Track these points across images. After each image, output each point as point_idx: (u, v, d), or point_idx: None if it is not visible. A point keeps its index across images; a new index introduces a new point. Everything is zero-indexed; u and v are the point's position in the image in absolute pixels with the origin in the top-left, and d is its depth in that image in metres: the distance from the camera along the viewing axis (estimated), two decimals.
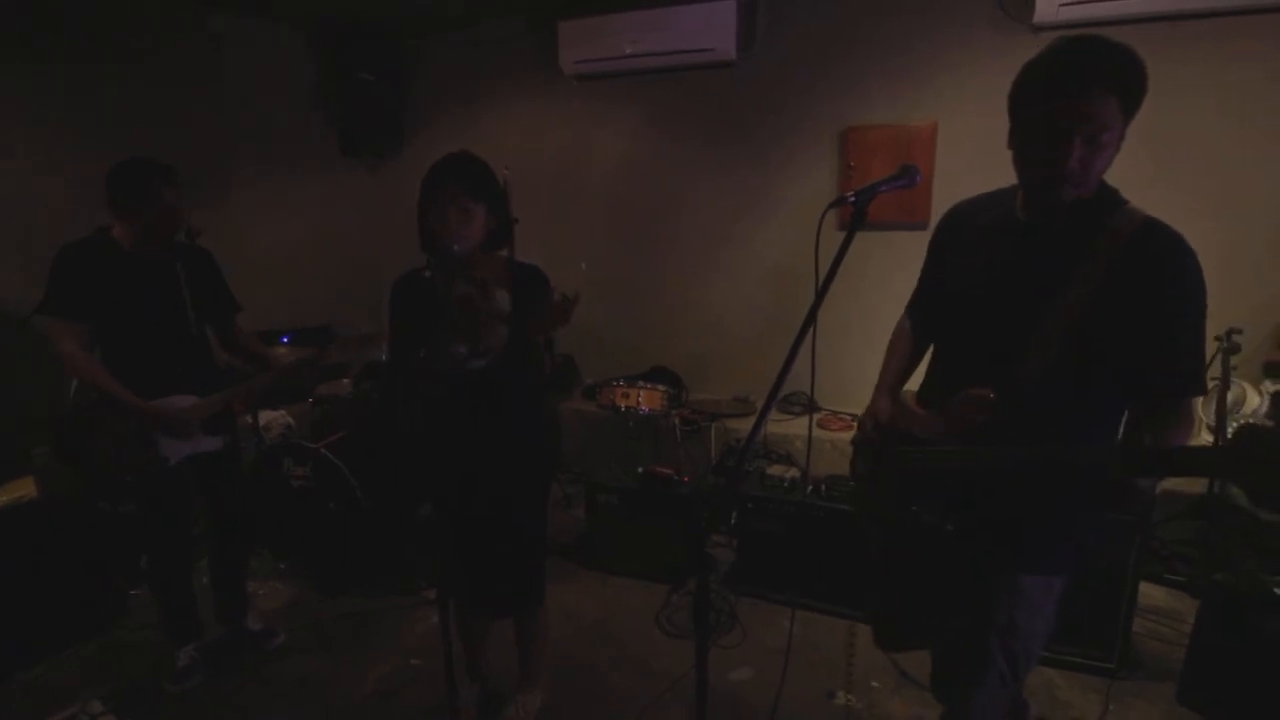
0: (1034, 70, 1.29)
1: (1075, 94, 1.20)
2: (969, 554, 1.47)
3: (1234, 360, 2.79)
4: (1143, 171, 3.04)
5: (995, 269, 1.42)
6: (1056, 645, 2.42)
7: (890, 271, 3.77)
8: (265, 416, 3.52)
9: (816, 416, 3.75)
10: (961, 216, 1.58)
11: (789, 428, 3.68)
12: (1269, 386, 2.91)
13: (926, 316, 1.72)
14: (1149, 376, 1.28)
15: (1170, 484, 2.90)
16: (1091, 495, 1.40)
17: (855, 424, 1.85)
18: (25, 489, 2.94)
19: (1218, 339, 2.77)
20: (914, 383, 1.71)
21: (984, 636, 1.46)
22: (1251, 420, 2.99)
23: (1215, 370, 2.68)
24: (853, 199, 1.32)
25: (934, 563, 1.56)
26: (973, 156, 3.52)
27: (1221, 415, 2.80)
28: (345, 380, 3.77)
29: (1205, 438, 2.92)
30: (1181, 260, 1.26)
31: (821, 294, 1.28)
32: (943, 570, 1.54)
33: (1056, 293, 1.29)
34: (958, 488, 1.44)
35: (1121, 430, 1.38)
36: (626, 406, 3.51)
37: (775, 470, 3.08)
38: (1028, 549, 1.43)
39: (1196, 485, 2.88)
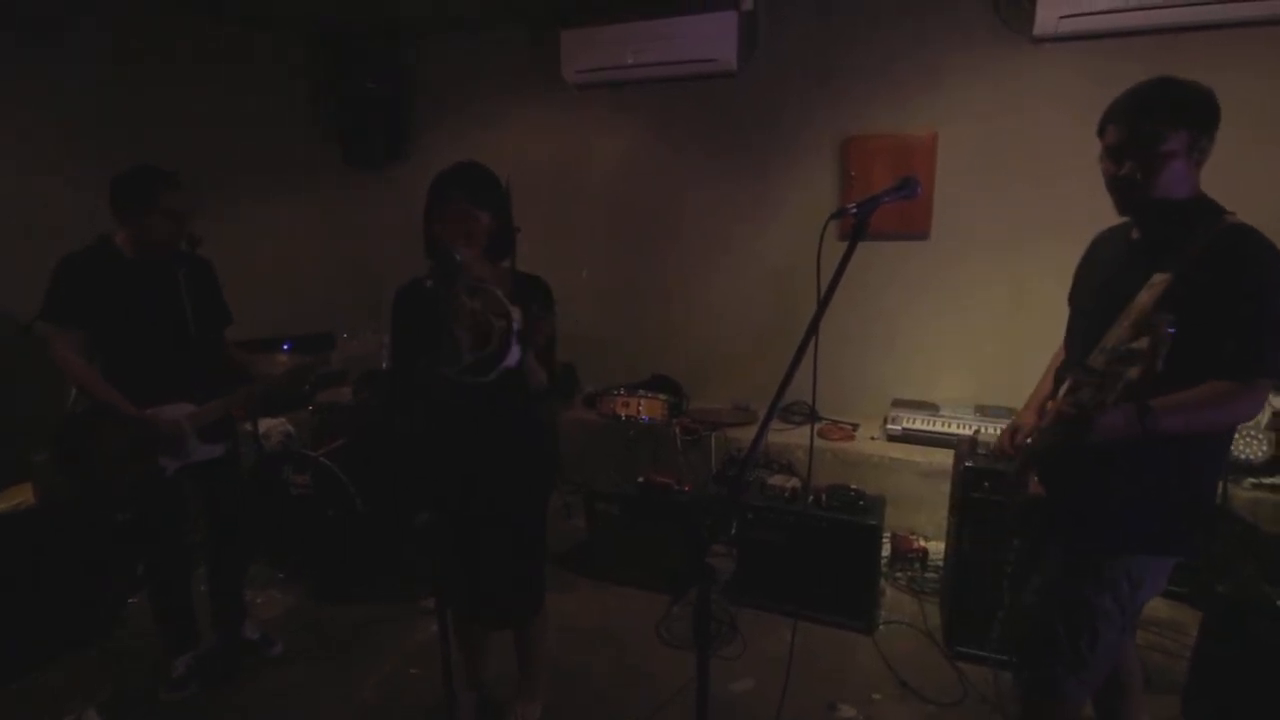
0: (1109, 106, 1.54)
1: (1128, 118, 1.47)
2: (1052, 531, 1.65)
3: None
4: None
5: (1105, 280, 1.62)
6: None
7: (890, 281, 3.80)
8: (265, 424, 3.51)
9: (817, 426, 3.75)
10: (1096, 242, 1.79)
11: (789, 437, 3.68)
12: (1274, 401, 2.90)
13: None
14: (1214, 361, 1.39)
15: None
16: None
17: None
18: (23, 495, 2.93)
19: None
20: None
21: (1050, 603, 1.61)
22: (1252, 430, 2.98)
23: None
24: (854, 210, 1.33)
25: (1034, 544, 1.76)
26: (973, 166, 3.54)
27: None
28: (345, 387, 3.77)
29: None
30: (1250, 255, 1.38)
31: (823, 304, 1.28)
32: (1036, 549, 1.72)
33: (1136, 291, 1.44)
34: (1053, 468, 1.64)
35: None
36: (627, 415, 3.50)
37: (776, 480, 3.07)
38: (1094, 524, 1.55)
39: None
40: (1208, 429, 1.45)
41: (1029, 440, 1.73)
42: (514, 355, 1.73)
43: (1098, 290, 1.63)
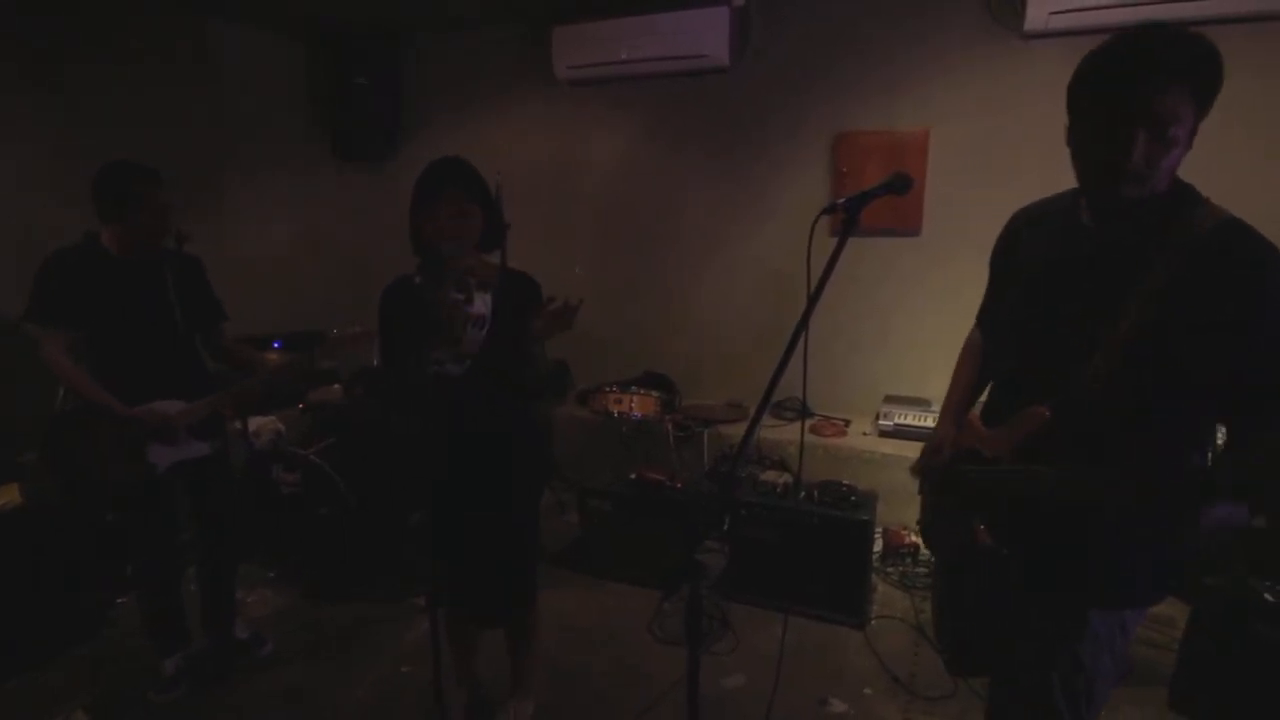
0: (1095, 61, 1.19)
1: (1139, 84, 1.12)
2: (1032, 583, 1.38)
3: None
4: None
5: (1055, 276, 1.33)
6: None
7: (882, 278, 3.80)
8: (255, 422, 3.48)
9: (809, 422, 3.75)
10: (1021, 222, 1.50)
11: (782, 433, 3.68)
12: None
13: (992, 328, 1.62)
14: (1231, 392, 1.17)
15: None
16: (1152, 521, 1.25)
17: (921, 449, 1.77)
18: (9, 495, 2.90)
19: None
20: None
21: (1044, 672, 1.36)
22: None
23: None
24: (844, 205, 1.32)
25: (998, 591, 1.45)
26: (966, 163, 3.54)
27: None
28: (336, 386, 3.75)
29: None
30: (1265, 262, 1.14)
31: (813, 300, 1.27)
32: (1006, 600, 1.44)
33: (1119, 300, 1.18)
34: (1020, 511, 1.34)
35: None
36: (620, 412, 3.50)
37: (768, 476, 3.07)
38: (1094, 580, 1.31)
39: None
40: None
41: (950, 463, 1.49)
42: (472, 340, 1.71)
43: (1053, 293, 1.33)
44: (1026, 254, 1.44)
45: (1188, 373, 1.17)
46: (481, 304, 1.79)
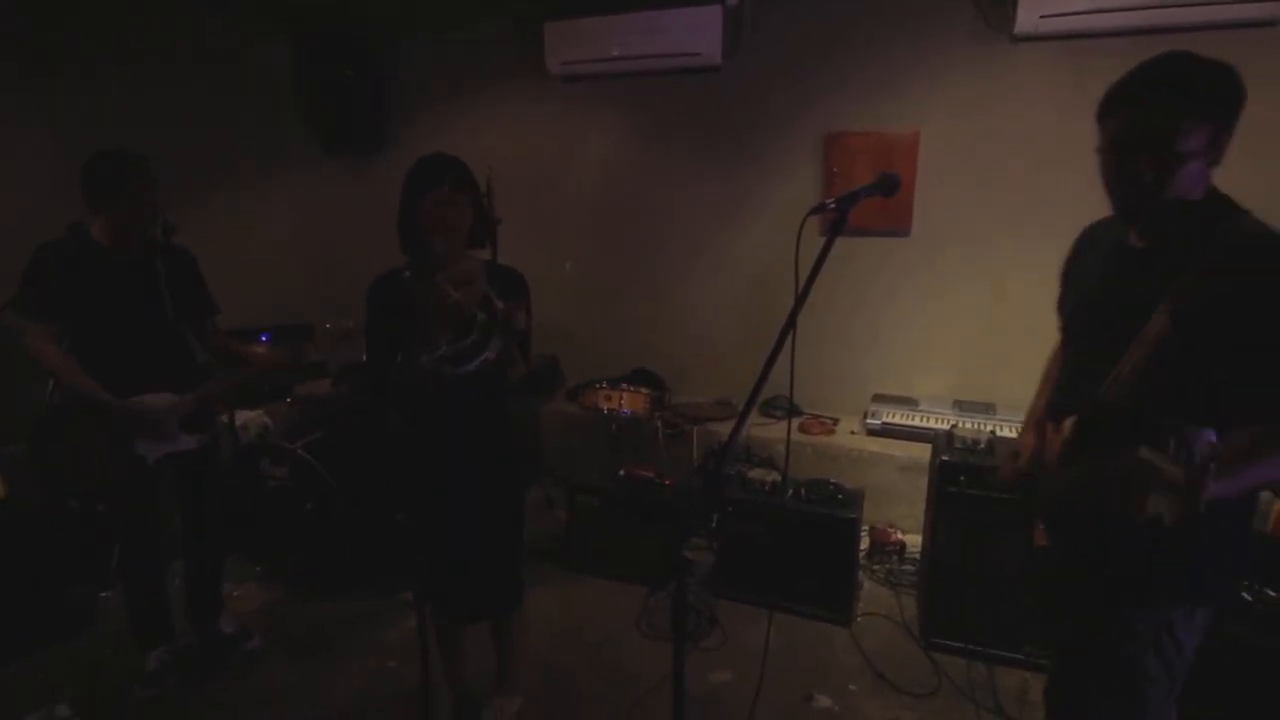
0: (1108, 90, 1.29)
1: (1128, 106, 1.25)
2: (1081, 582, 1.45)
3: None
4: None
5: (1098, 290, 1.41)
6: (1030, 648, 2.46)
7: (871, 277, 3.82)
8: (242, 416, 3.47)
9: (798, 420, 3.77)
10: (1085, 241, 1.57)
11: (771, 431, 3.69)
12: None
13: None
14: (1249, 398, 1.18)
15: None
16: None
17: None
18: None
19: None
20: None
21: (1082, 671, 1.42)
22: None
23: None
24: (833, 205, 1.33)
25: (1060, 588, 1.56)
26: (955, 164, 3.56)
27: None
28: (325, 380, 3.73)
29: None
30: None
31: (801, 299, 1.28)
32: (1064, 597, 1.54)
33: (1149, 311, 1.22)
34: (1059, 512, 1.43)
35: None
36: (609, 409, 3.50)
37: (756, 474, 3.08)
38: (1127, 577, 1.34)
39: None
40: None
41: (1027, 471, 1.55)
42: (494, 346, 1.73)
43: (1097, 306, 1.40)
44: (1081, 269, 1.52)
45: (1203, 382, 1.19)
46: (499, 310, 1.79)
